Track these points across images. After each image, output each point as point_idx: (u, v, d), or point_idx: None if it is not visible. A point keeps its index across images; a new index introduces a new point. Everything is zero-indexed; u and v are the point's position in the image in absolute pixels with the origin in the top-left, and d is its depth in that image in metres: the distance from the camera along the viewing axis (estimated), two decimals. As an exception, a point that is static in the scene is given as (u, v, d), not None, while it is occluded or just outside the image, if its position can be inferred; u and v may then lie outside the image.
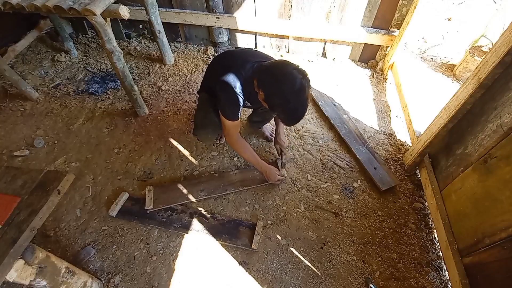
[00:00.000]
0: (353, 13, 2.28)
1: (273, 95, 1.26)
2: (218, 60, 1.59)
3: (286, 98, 1.22)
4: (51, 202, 0.97)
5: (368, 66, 2.63)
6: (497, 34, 2.27)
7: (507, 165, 1.10)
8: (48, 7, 1.49)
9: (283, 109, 1.28)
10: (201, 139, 1.79)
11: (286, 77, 1.21)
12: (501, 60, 1.16)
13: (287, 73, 1.21)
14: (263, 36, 2.64)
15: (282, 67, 1.25)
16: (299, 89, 1.21)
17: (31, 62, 2.65)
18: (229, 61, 1.47)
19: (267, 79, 1.26)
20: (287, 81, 1.20)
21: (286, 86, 1.20)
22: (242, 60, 1.42)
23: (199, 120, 1.64)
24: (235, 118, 1.44)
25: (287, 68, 1.23)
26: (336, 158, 1.95)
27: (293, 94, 1.21)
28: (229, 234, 1.58)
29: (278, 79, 1.22)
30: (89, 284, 1.31)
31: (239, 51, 1.60)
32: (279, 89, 1.22)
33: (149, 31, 2.83)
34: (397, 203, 1.73)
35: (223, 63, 1.51)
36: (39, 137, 2.07)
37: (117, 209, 1.64)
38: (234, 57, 1.51)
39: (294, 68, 1.23)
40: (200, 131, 1.65)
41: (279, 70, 1.24)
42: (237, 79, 1.36)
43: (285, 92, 1.21)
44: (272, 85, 1.24)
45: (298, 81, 1.20)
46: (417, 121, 1.94)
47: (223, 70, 1.40)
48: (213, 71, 1.57)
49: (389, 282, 1.45)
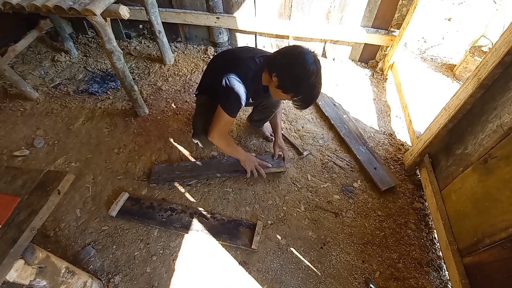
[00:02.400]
0: (353, 13, 2.29)
1: (288, 79, 1.27)
2: (220, 58, 1.58)
3: (302, 79, 1.24)
4: (51, 202, 0.97)
5: (368, 66, 2.63)
6: (497, 34, 2.27)
7: (507, 165, 1.10)
8: (48, 7, 1.49)
9: (299, 91, 1.30)
10: (202, 144, 1.79)
11: (300, 59, 1.23)
12: (501, 60, 1.16)
13: (300, 55, 1.23)
14: (263, 36, 2.64)
15: (294, 50, 1.27)
16: (313, 69, 1.23)
17: (31, 62, 2.65)
18: (233, 58, 1.46)
19: (281, 65, 1.27)
20: (301, 62, 1.22)
21: (300, 67, 1.22)
22: (246, 56, 1.42)
23: (200, 126, 1.63)
24: (234, 114, 1.43)
25: (299, 50, 1.26)
26: (336, 158, 1.95)
27: (308, 75, 1.23)
28: (229, 234, 1.58)
29: (291, 63, 1.24)
30: (89, 284, 1.31)
31: (240, 48, 1.59)
32: (294, 72, 1.24)
33: (149, 31, 2.83)
34: (397, 203, 1.73)
35: (227, 60, 1.49)
36: (39, 137, 2.07)
37: (117, 209, 1.64)
38: (237, 54, 1.50)
39: (305, 50, 1.25)
40: (201, 137, 1.66)
41: (292, 54, 1.26)
42: (243, 75, 1.36)
43: (300, 73, 1.23)
44: (287, 69, 1.26)
45: (311, 61, 1.22)
46: (417, 121, 1.94)
47: (227, 67, 1.40)
48: (215, 69, 1.55)
49: (389, 282, 1.45)
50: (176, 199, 1.75)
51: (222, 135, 1.51)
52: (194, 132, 1.71)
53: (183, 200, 1.74)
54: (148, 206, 1.68)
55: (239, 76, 1.35)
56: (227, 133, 1.57)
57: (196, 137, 1.68)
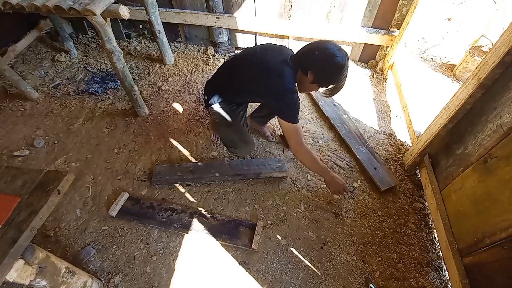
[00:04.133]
0: (353, 13, 2.28)
1: (325, 74, 1.36)
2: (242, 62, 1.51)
3: (338, 72, 1.34)
4: (51, 202, 0.97)
5: (368, 66, 2.63)
6: (497, 34, 2.27)
7: (507, 165, 1.10)
8: (48, 7, 1.49)
9: (334, 81, 1.38)
10: (241, 154, 1.85)
11: (333, 55, 1.31)
12: (501, 60, 1.16)
13: (331, 52, 1.31)
14: (263, 36, 2.64)
15: (323, 47, 1.34)
16: (346, 62, 1.33)
17: (31, 62, 2.65)
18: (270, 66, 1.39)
19: (317, 62, 1.34)
20: (335, 58, 1.31)
21: (335, 62, 1.31)
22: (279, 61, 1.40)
23: (236, 139, 1.67)
24: (297, 121, 1.43)
25: (327, 47, 1.33)
26: (336, 158, 1.95)
27: (342, 68, 1.33)
28: (229, 234, 1.58)
29: (327, 59, 1.32)
30: (89, 284, 1.31)
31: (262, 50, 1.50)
32: (331, 67, 1.32)
33: (149, 31, 2.83)
34: (397, 203, 1.73)
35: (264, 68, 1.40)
36: (39, 137, 2.07)
37: (117, 209, 1.64)
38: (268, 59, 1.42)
39: (333, 46, 1.33)
40: (241, 149, 1.73)
41: (324, 51, 1.33)
42: (290, 82, 1.39)
43: (336, 67, 1.32)
44: (323, 65, 1.34)
45: (343, 55, 1.32)
46: (417, 121, 1.94)
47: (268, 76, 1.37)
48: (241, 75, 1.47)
49: (389, 282, 1.45)
50: (176, 199, 1.75)
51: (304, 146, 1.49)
52: (227, 145, 1.77)
53: (183, 200, 1.74)
54: (148, 206, 1.68)
55: (288, 84, 1.38)
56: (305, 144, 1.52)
57: (234, 150, 1.75)
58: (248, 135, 1.71)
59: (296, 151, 1.50)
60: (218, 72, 1.67)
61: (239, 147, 1.72)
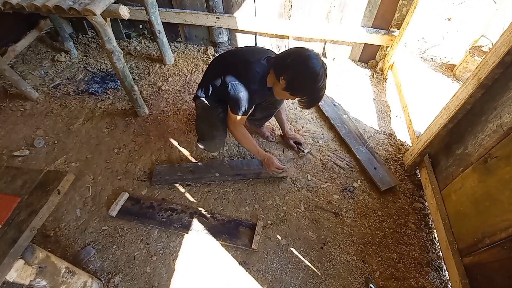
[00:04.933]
0: (353, 13, 2.28)
1: (297, 82, 1.29)
2: (224, 60, 1.55)
3: (310, 83, 1.27)
4: (51, 202, 0.97)
5: (368, 66, 2.62)
6: (497, 34, 2.27)
7: (507, 165, 1.10)
8: (48, 7, 1.49)
9: (307, 93, 1.32)
10: (208, 149, 1.82)
11: (308, 63, 1.25)
12: (501, 60, 1.16)
13: (308, 59, 1.25)
14: (263, 36, 2.64)
15: (301, 53, 1.29)
16: (322, 73, 1.26)
17: (31, 62, 2.65)
18: (239, 62, 1.44)
19: (289, 69, 1.29)
20: (309, 67, 1.24)
21: (309, 72, 1.25)
22: (252, 60, 1.41)
23: (206, 132, 1.66)
24: (245, 114, 1.46)
25: (306, 54, 1.27)
26: (336, 158, 1.95)
27: (316, 79, 1.26)
28: (229, 234, 1.58)
29: (300, 68, 1.26)
30: (89, 284, 1.31)
31: (243, 50, 1.57)
32: (303, 76, 1.26)
33: (149, 31, 2.83)
34: (397, 203, 1.73)
35: (233, 63, 1.46)
36: (39, 137, 2.07)
37: (117, 209, 1.64)
38: (242, 57, 1.48)
39: (312, 54, 1.27)
40: (207, 142, 1.70)
41: (299, 58, 1.28)
42: (250, 80, 1.38)
43: (309, 77, 1.26)
44: (295, 73, 1.27)
45: (319, 65, 1.25)
46: (417, 121, 1.94)
47: (234, 71, 1.40)
48: (220, 72, 1.50)
49: (389, 282, 1.45)
50: (176, 199, 1.75)
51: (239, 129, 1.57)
52: (198, 137, 1.74)
53: (183, 200, 1.74)
54: (148, 206, 1.68)
55: (246, 81, 1.37)
56: (242, 127, 1.59)
57: (202, 142, 1.72)
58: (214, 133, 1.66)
59: (233, 132, 1.60)
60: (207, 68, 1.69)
61: (206, 141, 1.71)
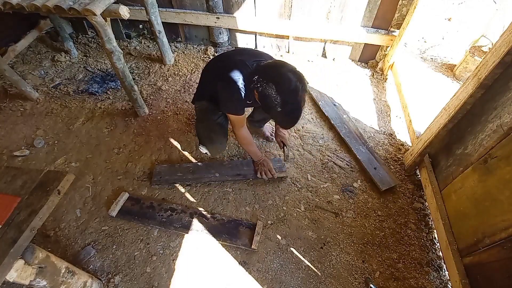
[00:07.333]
0: (353, 13, 2.28)
1: (267, 97, 1.22)
2: (216, 62, 1.57)
3: (279, 100, 1.20)
4: (51, 202, 0.97)
5: (368, 66, 2.62)
6: (497, 34, 2.27)
7: (507, 165, 1.10)
8: (48, 7, 1.49)
9: (277, 111, 1.24)
10: (209, 152, 1.82)
11: (280, 79, 1.19)
12: (501, 60, 1.16)
13: (282, 75, 1.19)
14: (263, 36, 2.64)
15: (277, 68, 1.23)
16: (293, 91, 1.18)
17: (31, 62, 2.65)
18: (229, 61, 1.46)
19: (262, 80, 1.24)
20: (281, 83, 1.18)
21: (279, 88, 1.18)
22: (238, 59, 1.42)
23: (205, 135, 1.66)
24: (238, 112, 1.44)
25: (282, 70, 1.21)
26: (336, 158, 1.95)
27: (286, 96, 1.19)
28: (229, 234, 1.58)
29: (272, 81, 1.20)
30: (89, 284, 1.31)
31: (236, 51, 1.59)
32: (273, 91, 1.19)
33: (149, 31, 2.83)
34: (397, 203, 1.73)
35: (223, 63, 1.50)
36: (39, 137, 2.07)
37: (117, 209, 1.64)
38: (229, 57, 1.50)
39: (289, 70, 1.20)
40: (208, 145, 1.71)
41: (274, 72, 1.23)
42: (238, 76, 1.36)
43: (278, 94, 1.19)
44: (266, 87, 1.21)
45: (292, 84, 1.17)
46: (417, 121, 1.94)
47: (223, 70, 1.41)
48: (212, 73, 1.54)
49: (389, 282, 1.45)
50: (176, 199, 1.75)
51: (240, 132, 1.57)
52: (199, 141, 1.74)
53: (183, 200, 1.74)
54: (148, 206, 1.68)
55: (235, 77, 1.36)
56: (244, 131, 1.60)
57: (202, 146, 1.73)
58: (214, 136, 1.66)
59: (236, 135, 1.64)
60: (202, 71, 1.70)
61: (207, 145, 1.73)
